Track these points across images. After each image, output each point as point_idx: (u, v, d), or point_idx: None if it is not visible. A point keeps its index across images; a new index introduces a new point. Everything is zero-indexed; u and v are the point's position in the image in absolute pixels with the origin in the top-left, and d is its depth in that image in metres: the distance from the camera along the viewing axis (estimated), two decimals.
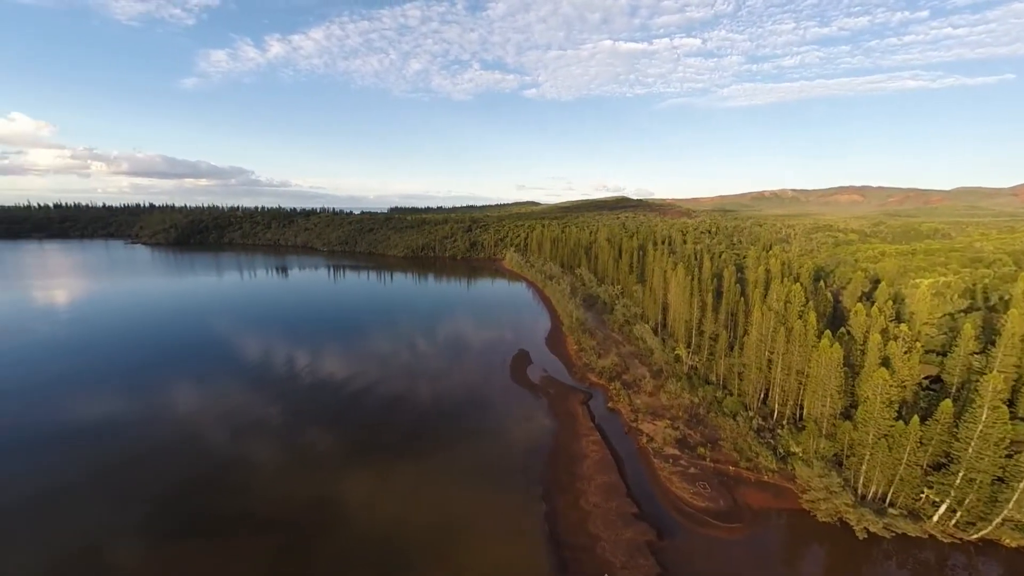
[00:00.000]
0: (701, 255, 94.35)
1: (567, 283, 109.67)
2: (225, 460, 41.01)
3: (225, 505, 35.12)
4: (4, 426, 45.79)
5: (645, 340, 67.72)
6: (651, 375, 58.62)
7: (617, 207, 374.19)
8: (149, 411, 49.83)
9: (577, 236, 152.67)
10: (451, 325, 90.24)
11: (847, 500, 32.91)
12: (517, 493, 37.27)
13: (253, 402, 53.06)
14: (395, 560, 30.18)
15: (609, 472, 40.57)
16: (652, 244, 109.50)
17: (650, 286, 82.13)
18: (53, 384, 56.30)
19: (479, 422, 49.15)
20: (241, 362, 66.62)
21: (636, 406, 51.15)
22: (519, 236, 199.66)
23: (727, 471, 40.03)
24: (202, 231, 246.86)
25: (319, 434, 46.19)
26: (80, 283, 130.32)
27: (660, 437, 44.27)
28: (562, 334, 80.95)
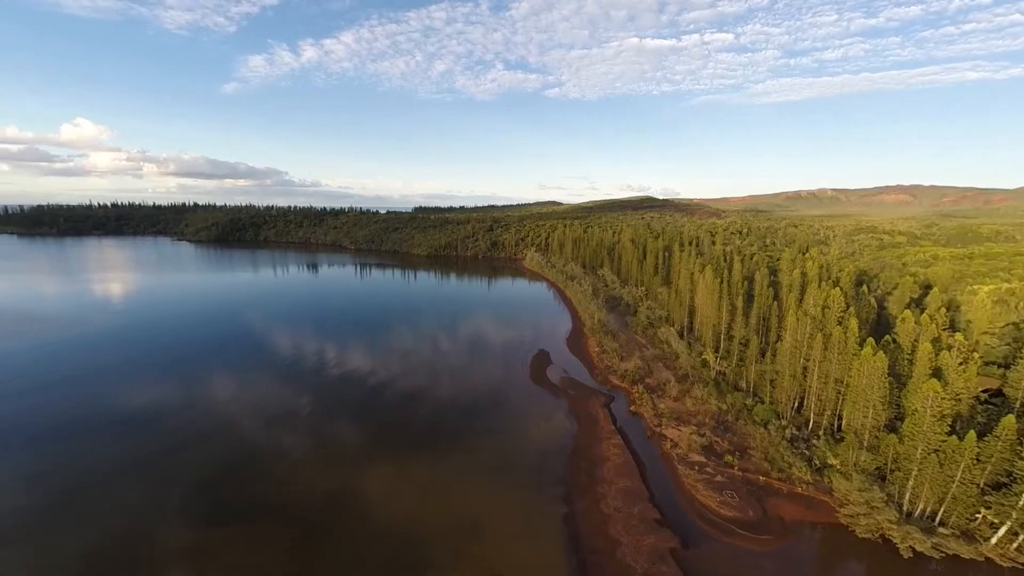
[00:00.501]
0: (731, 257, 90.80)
1: (589, 284, 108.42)
2: (255, 449, 42.86)
3: (254, 493, 36.59)
4: (63, 411, 49.65)
5: (670, 344, 65.96)
6: (676, 380, 57.04)
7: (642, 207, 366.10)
8: (189, 400, 52.91)
9: (600, 236, 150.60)
10: (471, 324, 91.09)
11: (891, 516, 30.84)
12: (535, 493, 37.15)
13: (282, 393, 55.47)
14: (414, 554, 30.60)
15: (631, 477, 39.82)
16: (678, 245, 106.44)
17: (676, 288, 79.88)
18: (106, 373, 60.65)
19: (498, 421, 49.35)
20: (273, 354, 69.80)
21: (660, 411, 49.93)
22: (540, 236, 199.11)
23: (757, 481, 38.40)
24: (240, 229, 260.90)
25: (342, 426, 47.65)
26: (132, 277, 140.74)
27: (685, 443, 43.01)
28: (583, 335, 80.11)
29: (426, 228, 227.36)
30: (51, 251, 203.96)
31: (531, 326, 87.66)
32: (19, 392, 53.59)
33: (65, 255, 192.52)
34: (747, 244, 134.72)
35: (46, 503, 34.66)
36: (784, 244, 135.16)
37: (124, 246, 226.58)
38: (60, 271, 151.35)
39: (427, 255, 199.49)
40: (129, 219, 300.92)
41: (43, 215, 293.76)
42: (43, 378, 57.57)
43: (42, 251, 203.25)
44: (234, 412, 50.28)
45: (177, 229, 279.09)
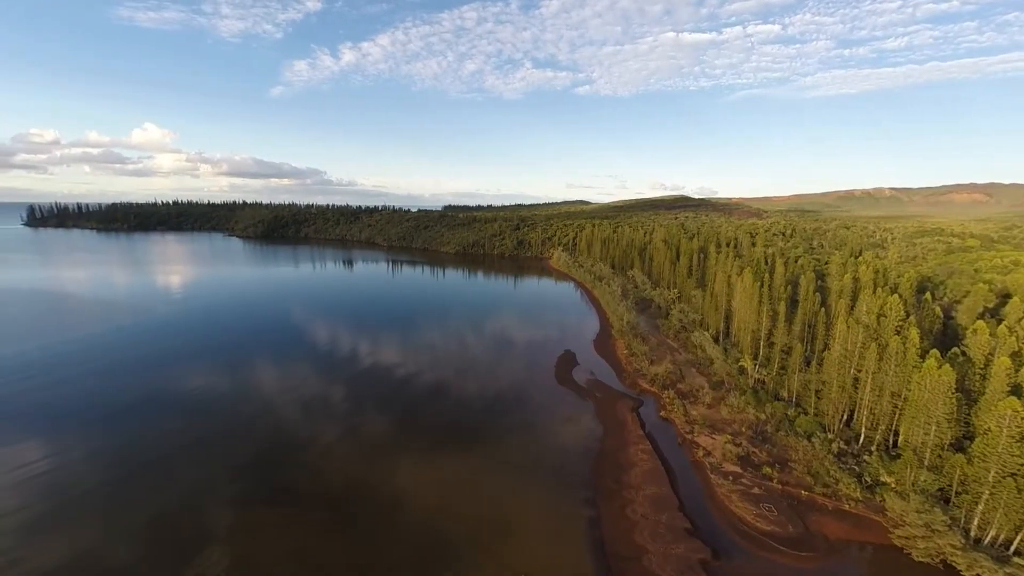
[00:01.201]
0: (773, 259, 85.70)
1: (618, 285, 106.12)
2: (294, 436, 44.89)
3: (292, 477, 38.32)
4: (132, 392, 54.34)
5: (704, 349, 63.33)
6: (710, 386, 54.69)
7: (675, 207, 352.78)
8: (236, 386, 56.49)
9: (630, 236, 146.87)
10: (497, 322, 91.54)
11: (955, 541, 28.04)
12: (561, 495, 36.79)
13: (318, 382, 58.18)
14: (440, 546, 31.01)
15: (659, 483, 38.64)
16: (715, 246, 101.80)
17: (711, 291, 76.56)
18: (166, 358, 65.86)
19: (522, 420, 49.24)
20: (310, 344, 73.57)
21: (692, 418, 48.08)
22: (567, 235, 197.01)
23: (798, 495, 36.13)
24: (283, 226, 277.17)
25: (373, 417, 49.19)
26: (188, 269, 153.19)
27: (719, 452, 41.17)
28: (611, 337, 78.55)
29: (455, 226, 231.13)
30: (122, 245, 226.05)
31: (557, 326, 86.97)
32: (95, 373, 59.39)
33: (134, 248, 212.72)
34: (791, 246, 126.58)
35: (118, 476, 38.07)
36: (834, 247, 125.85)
37: (183, 241, 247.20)
38: (129, 263, 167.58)
39: (455, 253, 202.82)
40: (187, 216, 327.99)
41: (117, 212, 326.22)
42: (114, 361, 63.47)
43: (115, 245, 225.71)
44: (275, 398, 53.31)
45: (228, 225, 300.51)
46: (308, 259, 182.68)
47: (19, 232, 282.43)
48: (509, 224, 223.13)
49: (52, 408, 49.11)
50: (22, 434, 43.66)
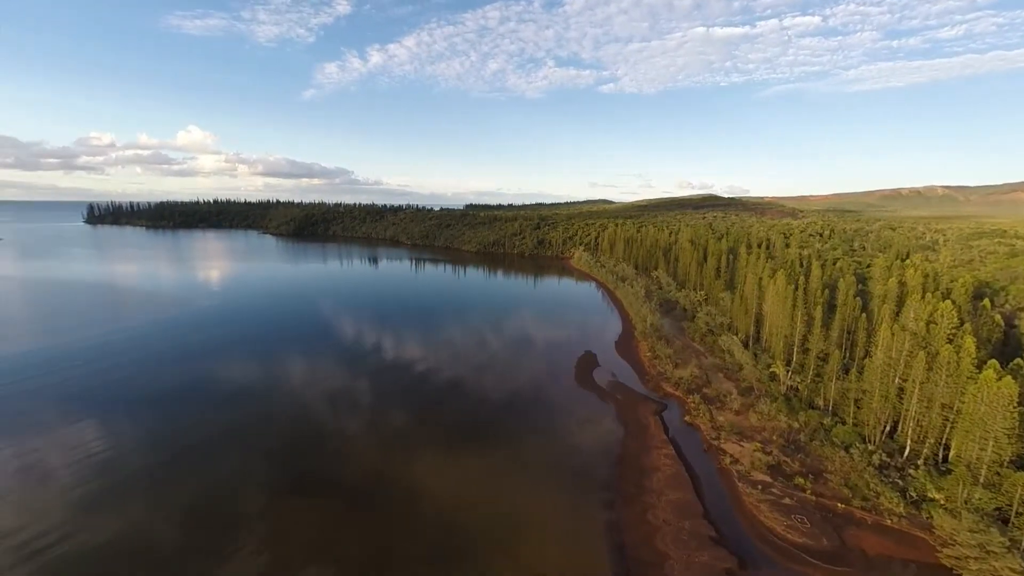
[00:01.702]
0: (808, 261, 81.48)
1: (641, 286, 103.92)
2: (320, 426, 46.39)
3: (317, 466, 39.46)
4: (175, 380, 57.49)
5: (732, 353, 61.01)
6: (738, 392, 52.68)
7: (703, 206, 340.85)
8: (268, 376, 58.98)
9: (655, 236, 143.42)
10: (517, 321, 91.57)
11: (1014, 564, 25.81)
12: (579, 496, 36.39)
13: (343, 374, 60.06)
14: (458, 541, 31.21)
15: (683, 489, 37.63)
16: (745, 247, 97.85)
17: (741, 294, 73.65)
18: (206, 347, 69.86)
19: (541, 420, 49.00)
20: (337, 339, 76.09)
21: (719, 424, 46.48)
22: (589, 235, 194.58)
23: (833, 507, 34.25)
24: (313, 224, 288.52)
25: (394, 411, 50.09)
26: (226, 265, 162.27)
27: (747, 460, 39.61)
28: (634, 339, 77.05)
29: (475, 225, 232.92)
30: (168, 241, 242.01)
31: (577, 326, 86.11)
32: (141, 361, 63.60)
33: (178, 245, 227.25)
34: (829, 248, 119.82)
35: (163, 458, 40.35)
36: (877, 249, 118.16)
37: (221, 238, 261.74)
38: (173, 259, 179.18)
39: (476, 251, 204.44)
40: (226, 214, 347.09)
41: (164, 210, 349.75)
42: (158, 350, 67.71)
43: (161, 241, 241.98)
44: (303, 389, 55.48)
45: (262, 224, 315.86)
46: (336, 256, 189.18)
47: (80, 229, 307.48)
48: (529, 223, 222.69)
49: (105, 392, 53.06)
50: (80, 416, 47.28)
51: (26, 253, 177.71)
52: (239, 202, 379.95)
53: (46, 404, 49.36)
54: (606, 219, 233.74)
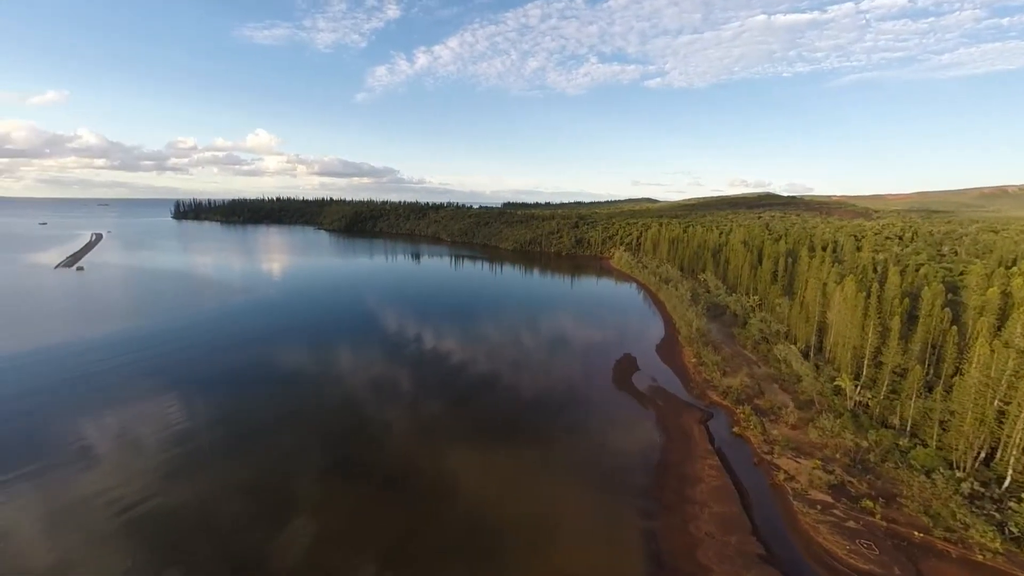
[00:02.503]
0: (884, 266, 73.12)
1: (687, 288, 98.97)
2: (362, 413, 48.34)
3: (361, 453, 41.14)
4: (239, 365, 62.06)
5: (790, 364, 56.41)
6: (796, 405, 48.61)
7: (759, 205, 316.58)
8: (320, 364, 62.60)
9: (703, 237, 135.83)
10: (553, 320, 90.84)
11: None
12: (615, 502, 35.46)
13: (386, 365, 62.61)
14: (490, 537, 31.30)
15: (729, 503, 35.52)
16: (807, 249, 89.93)
17: (801, 300, 67.88)
18: (266, 334, 75.58)
19: (577, 421, 48.21)
20: (381, 329, 80.00)
21: (772, 437, 43.25)
22: (631, 234, 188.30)
23: (909, 536, 30.64)
24: (362, 221, 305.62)
25: (432, 404, 51.18)
26: (286, 257, 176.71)
27: (805, 478, 36.53)
28: (678, 344, 73.68)
29: (513, 223, 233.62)
30: (238, 235, 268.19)
31: (616, 329, 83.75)
32: (211, 343, 70.18)
33: (246, 238, 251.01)
34: (910, 252, 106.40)
35: (231, 436, 42.92)
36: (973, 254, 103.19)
37: (282, 233, 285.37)
38: (242, 250, 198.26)
39: (512, 249, 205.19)
40: (286, 211, 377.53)
41: (235, 207, 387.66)
42: (226, 334, 74.40)
43: (232, 235, 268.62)
44: (349, 376, 58.57)
45: (317, 220, 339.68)
46: (381, 252, 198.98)
47: (169, 223, 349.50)
48: (567, 222, 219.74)
49: (182, 371, 58.70)
50: (162, 391, 52.50)
51: (127, 244, 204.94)
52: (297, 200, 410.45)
53: (137, 378, 55.80)
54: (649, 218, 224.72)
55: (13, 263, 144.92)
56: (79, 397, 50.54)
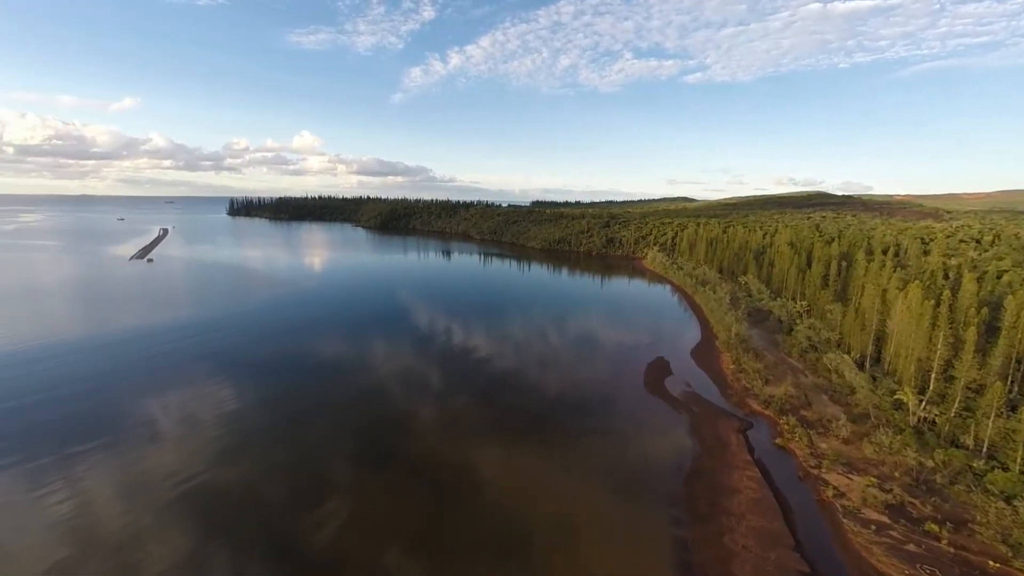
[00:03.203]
0: (958, 273, 65.89)
1: (726, 291, 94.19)
2: (396, 406, 49.53)
3: (392, 444, 42.09)
4: (282, 354, 63.21)
5: (842, 374, 52.26)
6: (849, 418, 44.98)
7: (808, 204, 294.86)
8: (354, 355, 65.07)
9: (744, 237, 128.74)
10: (582, 320, 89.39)
11: None
12: (644, 507, 34.36)
13: (416, 359, 63.86)
14: (516, 534, 31.12)
15: (769, 516, 33.52)
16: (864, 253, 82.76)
17: (857, 307, 62.69)
18: (305, 325, 79.22)
19: (606, 424, 47.10)
20: (412, 324, 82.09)
21: (820, 451, 40.31)
22: (665, 234, 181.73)
23: (982, 565, 27.53)
24: (396, 219, 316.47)
25: (461, 399, 51.68)
26: (325, 253, 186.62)
27: (857, 495, 33.74)
28: (715, 349, 70.38)
29: (541, 222, 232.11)
30: (283, 231, 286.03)
31: (648, 331, 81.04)
32: (258, 331, 75.01)
33: (290, 234, 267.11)
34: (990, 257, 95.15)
35: (274, 421, 45.03)
36: None
37: (323, 230, 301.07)
38: (286, 245, 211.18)
39: (541, 248, 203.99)
40: (327, 209, 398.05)
41: (281, 205, 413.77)
42: (272, 323, 79.28)
43: (278, 231, 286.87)
44: (381, 368, 60.28)
45: (355, 217, 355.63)
46: (414, 248, 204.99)
47: (224, 219, 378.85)
48: (598, 221, 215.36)
49: (233, 357, 62.62)
50: (217, 375, 56.37)
51: (188, 239, 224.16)
52: (337, 198, 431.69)
53: (193, 362, 60.36)
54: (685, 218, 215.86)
55: (97, 255, 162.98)
56: (143, 377, 55.56)
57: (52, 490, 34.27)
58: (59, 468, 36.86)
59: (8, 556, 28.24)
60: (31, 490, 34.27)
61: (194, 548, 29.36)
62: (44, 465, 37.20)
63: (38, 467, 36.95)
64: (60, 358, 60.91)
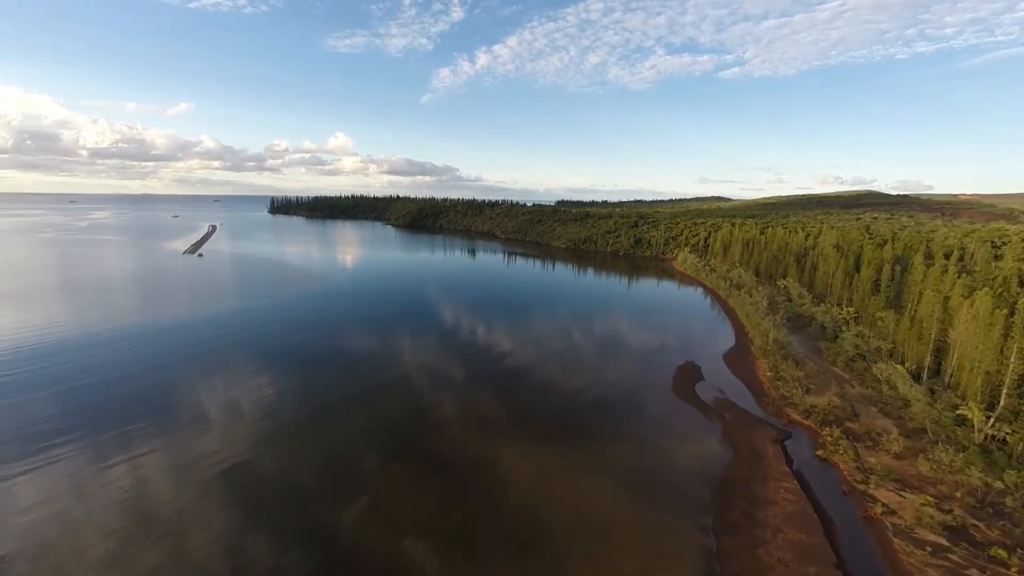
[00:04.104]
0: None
1: (763, 295, 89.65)
2: (422, 400, 50.39)
3: (418, 439, 42.82)
4: (317, 346, 65.35)
5: (894, 385, 48.47)
6: (902, 433, 41.70)
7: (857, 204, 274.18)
8: (382, 349, 66.77)
9: (784, 239, 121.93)
10: (608, 321, 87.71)
11: None
12: (671, 514, 33.36)
13: (441, 355, 64.68)
14: (538, 534, 30.90)
15: (809, 531, 31.75)
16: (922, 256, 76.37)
17: (912, 315, 57.94)
18: (340, 319, 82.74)
19: (632, 428, 46.05)
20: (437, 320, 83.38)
21: (868, 465, 37.64)
22: (697, 235, 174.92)
23: None
24: (424, 217, 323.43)
25: (484, 397, 51.80)
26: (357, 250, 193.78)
27: (911, 514, 31.24)
28: (750, 355, 67.23)
29: (567, 221, 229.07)
30: (319, 228, 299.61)
31: (678, 334, 78.42)
32: (293, 324, 78.37)
33: (325, 232, 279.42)
34: None
35: (308, 412, 46.30)
36: None
37: (355, 227, 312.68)
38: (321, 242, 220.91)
39: (566, 248, 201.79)
40: (359, 207, 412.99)
41: (317, 204, 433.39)
42: (303, 318, 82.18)
43: (314, 228, 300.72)
44: (409, 363, 61.42)
45: (385, 216, 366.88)
46: (441, 246, 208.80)
47: (265, 217, 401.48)
48: (626, 221, 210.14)
49: (274, 348, 65.58)
50: (256, 365, 59.29)
51: (233, 236, 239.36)
52: (369, 197, 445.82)
53: (235, 351, 63.91)
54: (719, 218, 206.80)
55: (154, 250, 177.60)
56: (193, 361, 59.66)
57: (113, 464, 37.37)
58: (120, 444, 40.20)
59: (73, 523, 31.02)
60: (96, 463, 37.49)
61: (233, 524, 31.34)
62: (107, 440, 40.67)
63: (102, 442, 40.44)
64: (123, 342, 66.69)
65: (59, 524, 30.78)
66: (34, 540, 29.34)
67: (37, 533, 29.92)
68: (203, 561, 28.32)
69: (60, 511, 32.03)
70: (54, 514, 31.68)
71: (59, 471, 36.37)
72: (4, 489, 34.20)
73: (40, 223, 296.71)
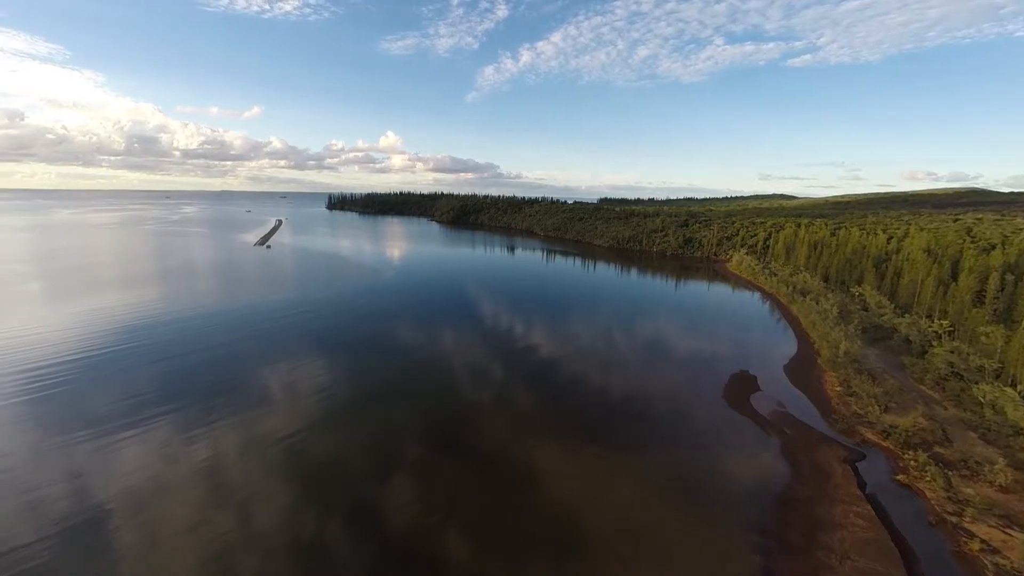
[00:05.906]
0: None
1: (834, 303, 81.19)
2: (463, 394, 51.20)
3: (458, 431, 43.47)
4: (362, 337, 67.78)
5: (1002, 410, 41.82)
6: (1008, 462, 36.00)
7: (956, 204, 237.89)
8: (426, 341, 68.91)
9: (860, 241, 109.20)
10: (652, 324, 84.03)
11: None
12: (721, 530, 31.42)
13: (482, 351, 65.42)
14: (575, 537, 30.33)
15: (884, 561, 28.67)
16: None
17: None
18: (387, 310, 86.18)
19: (678, 436, 43.97)
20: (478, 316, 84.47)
21: (963, 496, 33.02)
22: (755, 235, 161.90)
23: None
24: (466, 214, 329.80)
25: (525, 395, 51.61)
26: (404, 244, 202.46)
27: (1018, 554, 26.97)
28: (816, 367, 61.42)
29: (610, 220, 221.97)
30: (370, 224, 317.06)
31: (731, 341, 73.21)
32: (346, 314, 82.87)
33: (376, 227, 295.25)
34: None
35: (358, 400, 48.02)
36: None
37: (403, 223, 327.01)
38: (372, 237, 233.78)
39: (608, 247, 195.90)
40: (407, 204, 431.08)
41: (369, 200, 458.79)
42: (354, 308, 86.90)
43: (366, 223, 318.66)
44: (451, 357, 62.74)
45: (430, 212, 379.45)
46: (481, 243, 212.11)
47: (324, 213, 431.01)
48: (675, 220, 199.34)
49: (327, 335, 69.65)
50: (312, 350, 63.56)
51: (296, 230, 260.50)
52: (416, 194, 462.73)
53: (295, 336, 69.04)
54: (782, 217, 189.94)
55: (230, 241, 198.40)
56: (261, 344, 65.58)
57: (196, 434, 41.95)
58: (201, 416, 45.13)
59: (164, 487, 34.98)
60: (183, 432, 42.28)
61: (292, 496, 34.09)
62: (192, 413, 45.72)
63: (188, 414, 45.54)
64: (202, 325, 74.62)
65: (152, 486, 35.02)
66: (132, 498, 33.67)
67: (134, 492, 34.29)
68: (265, 529, 30.93)
69: (155, 474, 36.37)
70: (150, 477, 36.08)
71: (154, 438, 41.52)
72: (116, 450, 39.77)
73: (145, 216, 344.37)
